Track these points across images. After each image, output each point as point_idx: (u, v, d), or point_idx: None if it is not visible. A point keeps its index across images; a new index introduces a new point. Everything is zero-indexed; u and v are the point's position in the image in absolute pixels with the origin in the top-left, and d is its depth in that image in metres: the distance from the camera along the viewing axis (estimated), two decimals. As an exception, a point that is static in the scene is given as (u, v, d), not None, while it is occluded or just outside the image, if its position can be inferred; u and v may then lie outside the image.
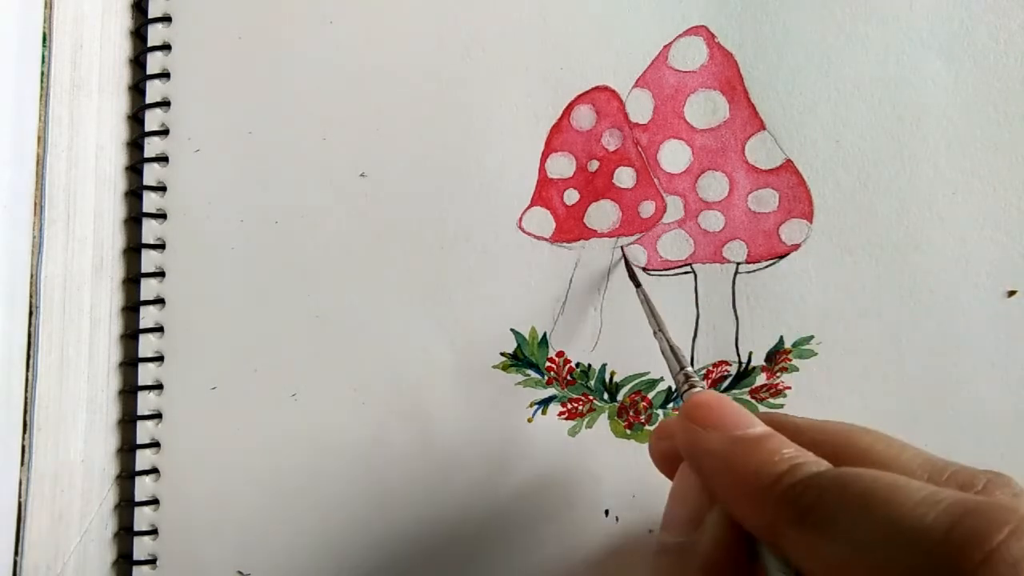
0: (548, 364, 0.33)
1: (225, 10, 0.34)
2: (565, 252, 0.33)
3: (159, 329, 0.34)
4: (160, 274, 0.34)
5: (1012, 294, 0.31)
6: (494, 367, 0.33)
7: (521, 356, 0.33)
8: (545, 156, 0.33)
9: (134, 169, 0.34)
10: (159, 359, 0.33)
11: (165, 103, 0.34)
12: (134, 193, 0.34)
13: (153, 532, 0.33)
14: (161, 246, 0.34)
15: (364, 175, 0.33)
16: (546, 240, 0.33)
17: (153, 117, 0.34)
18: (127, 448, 0.33)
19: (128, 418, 0.33)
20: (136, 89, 0.35)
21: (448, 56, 0.33)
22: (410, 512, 0.32)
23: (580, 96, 0.33)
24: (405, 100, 0.33)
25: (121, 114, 0.34)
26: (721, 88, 0.33)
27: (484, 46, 0.33)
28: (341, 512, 0.33)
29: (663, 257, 0.33)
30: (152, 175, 0.34)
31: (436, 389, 0.33)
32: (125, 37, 0.35)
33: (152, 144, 0.34)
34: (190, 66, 0.34)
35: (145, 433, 0.33)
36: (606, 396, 0.33)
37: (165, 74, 0.34)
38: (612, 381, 0.33)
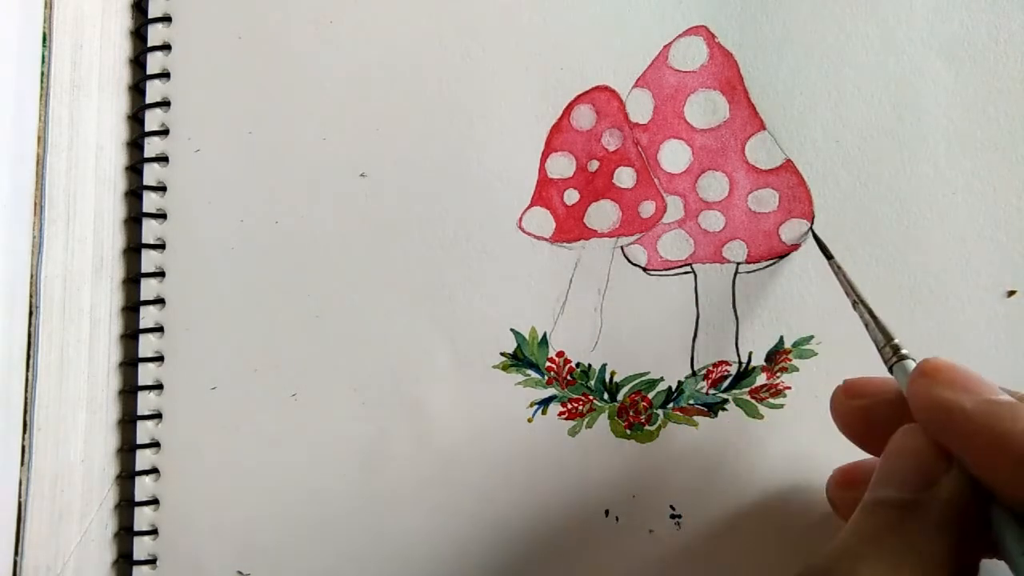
0: (548, 364, 0.33)
1: (225, 10, 0.34)
2: (565, 252, 0.33)
3: (159, 329, 0.34)
4: (160, 274, 0.34)
5: (1012, 294, 0.31)
6: (494, 367, 0.33)
7: (521, 356, 0.33)
8: (545, 156, 0.33)
9: (134, 169, 0.34)
10: (159, 359, 0.33)
11: (165, 103, 0.34)
12: (134, 193, 0.34)
13: (153, 532, 0.33)
14: (161, 246, 0.34)
15: (364, 175, 0.33)
16: (546, 240, 0.33)
17: (153, 117, 0.34)
18: (127, 448, 0.33)
19: (128, 418, 0.33)
20: (136, 89, 0.35)
21: (448, 56, 0.33)
22: (410, 512, 0.32)
23: (580, 96, 0.33)
24: (405, 100, 0.33)
25: (121, 114, 0.34)
26: (721, 88, 0.33)
27: (484, 46, 0.33)
28: (341, 512, 0.33)
29: (663, 257, 0.33)
30: (152, 175, 0.34)
31: (436, 389, 0.33)
32: (125, 37, 0.35)
33: (152, 144, 0.34)
34: (190, 66, 0.34)
35: (145, 433, 0.33)
36: (606, 396, 0.33)
37: (165, 74, 0.34)
38: (612, 381, 0.33)
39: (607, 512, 0.32)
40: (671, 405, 0.33)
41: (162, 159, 0.34)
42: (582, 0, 0.33)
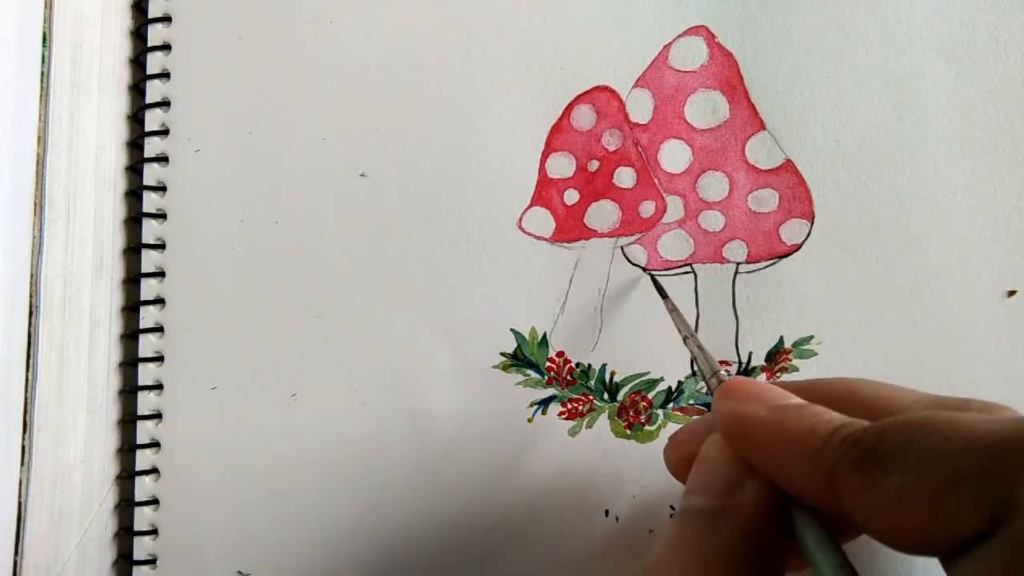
0: (548, 364, 0.33)
1: (225, 10, 0.34)
2: (565, 252, 0.33)
3: (159, 329, 0.34)
4: (160, 274, 0.34)
5: (1012, 294, 0.31)
6: (494, 367, 0.33)
7: (521, 356, 0.33)
8: (545, 156, 0.33)
9: (134, 169, 0.34)
10: (159, 359, 0.33)
11: (165, 103, 0.34)
12: (134, 193, 0.34)
13: (153, 532, 0.33)
14: (161, 246, 0.34)
15: (364, 175, 0.33)
16: (546, 240, 0.33)
17: (153, 117, 0.34)
18: (127, 448, 0.33)
19: (128, 418, 0.33)
20: (136, 89, 0.35)
21: (448, 56, 0.33)
22: (410, 512, 0.32)
23: (580, 96, 0.33)
24: (405, 100, 0.33)
25: (121, 114, 0.34)
26: (721, 88, 0.33)
27: (484, 46, 0.33)
28: (341, 512, 0.33)
29: (663, 257, 0.33)
30: (152, 175, 0.34)
31: (436, 389, 0.33)
32: (125, 37, 0.35)
33: (152, 144, 0.34)
34: (190, 66, 0.34)
35: (145, 433, 0.33)
36: (606, 396, 0.33)
37: (165, 74, 0.34)
38: (612, 381, 0.33)
39: (607, 512, 0.32)
40: (671, 405, 0.33)
41: (162, 159, 0.34)
42: (582, 0, 0.33)
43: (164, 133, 0.34)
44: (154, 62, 0.34)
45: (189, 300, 0.34)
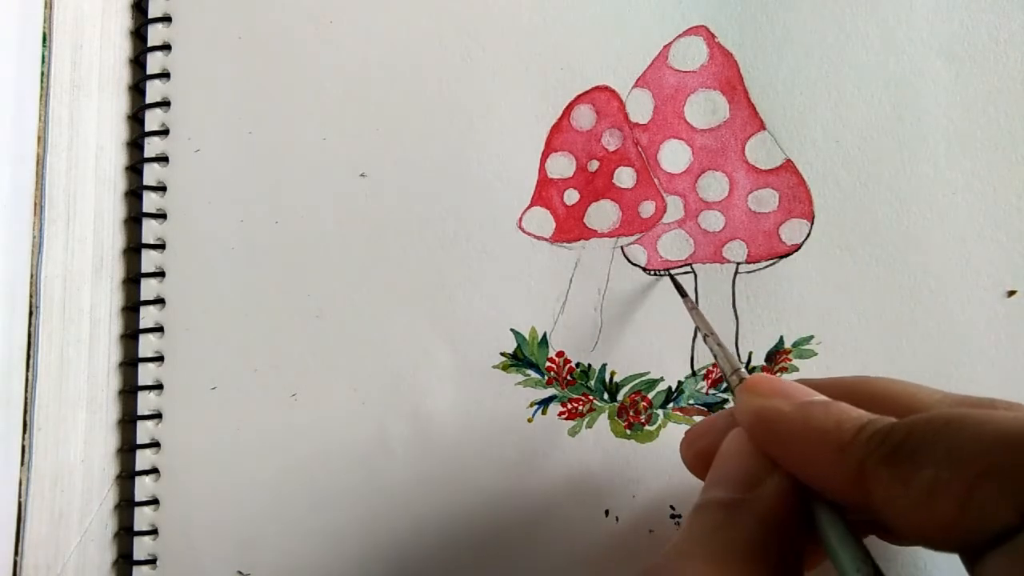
0: (548, 364, 0.33)
1: (225, 10, 0.34)
2: (565, 252, 0.33)
3: (159, 329, 0.34)
4: (160, 274, 0.34)
5: (1012, 294, 0.31)
6: (494, 367, 0.33)
7: (521, 356, 0.33)
8: (545, 156, 0.33)
9: (134, 169, 0.34)
10: (159, 359, 0.33)
11: (165, 103, 0.34)
12: (134, 193, 0.34)
13: (153, 532, 0.33)
14: (161, 246, 0.34)
15: (364, 175, 0.33)
16: (546, 240, 0.33)
17: (153, 117, 0.34)
18: (127, 448, 0.33)
19: (128, 418, 0.33)
20: (136, 89, 0.35)
21: (448, 56, 0.33)
22: (410, 512, 0.32)
23: (580, 96, 0.33)
24: (405, 100, 0.33)
25: (121, 114, 0.34)
26: (721, 88, 0.33)
27: (484, 46, 0.33)
28: (341, 512, 0.33)
29: (663, 257, 0.33)
30: (152, 175, 0.34)
31: (436, 389, 0.33)
32: (125, 37, 0.35)
33: (152, 144, 0.34)
34: (190, 66, 0.34)
35: (145, 433, 0.33)
36: (606, 396, 0.33)
37: (165, 74, 0.34)
38: (612, 381, 0.33)
39: (607, 512, 0.32)
40: (671, 405, 0.33)
41: (162, 159, 0.34)
42: (582, 0, 0.33)
43: (164, 133, 0.34)
44: (154, 62, 0.34)
45: (189, 300, 0.34)
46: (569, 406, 0.33)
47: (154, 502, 0.33)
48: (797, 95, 0.32)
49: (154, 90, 0.34)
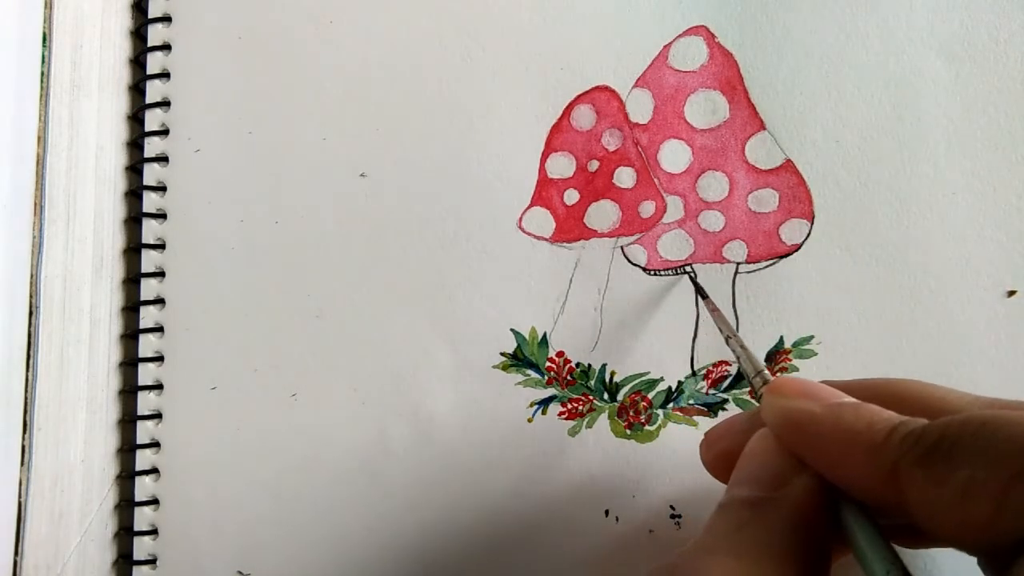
0: (548, 364, 0.33)
1: (225, 10, 0.34)
2: (565, 252, 0.33)
3: (159, 329, 0.34)
4: (160, 274, 0.34)
5: (1012, 294, 0.31)
6: (494, 367, 0.33)
7: (521, 356, 0.33)
8: (545, 156, 0.33)
9: (134, 169, 0.34)
10: (159, 359, 0.33)
11: (165, 103, 0.34)
12: (134, 193, 0.34)
13: (153, 532, 0.33)
14: (161, 246, 0.34)
15: (364, 175, 0.33)
16: (546, 240, 0.33)
17: (153, 117, 0.34)
18: (127, 448, 0.33)
19: (128, 418, 0.33)
20: (136, 89, 0.35)
21: (448, 56, 0.33)
22: (410, 512, 0.32)
23: (580, 96, 0.33)
24: (405, 100, 0.33)
25: (121, 114, 0.34)
26: (721, 88, 0.33)
27: (484, 46, 0.33)
28: (341, 512, 0.33)
29: (663, 257, 0.33)
30: (152, 175, 0.34)
31: (436, 389, 0.33)
32: (125, 37, 0.35)
33: (152, 144, 0.34)
34: (190, 66, 0.34)
35: (145, 433, 0.33)
36: (606, 396, 0.33)
37: (165, 74, 0.34)
38: (612, 381, 0.33)
39: (607, 512, 0.32)
40: (671, 405, 0.33)
41: (162, 159, 0.34)
42: (582, 0, 0.33)
43: (164, 133, 0.34)
44: (154, 62, 0.34)
45: (189, 300, 0.34)
46: (569, 406, 0.33)
47: (154, 502, 0.33)
48: (797, 95, 0.32)
49: (154, 90, 0.34)
